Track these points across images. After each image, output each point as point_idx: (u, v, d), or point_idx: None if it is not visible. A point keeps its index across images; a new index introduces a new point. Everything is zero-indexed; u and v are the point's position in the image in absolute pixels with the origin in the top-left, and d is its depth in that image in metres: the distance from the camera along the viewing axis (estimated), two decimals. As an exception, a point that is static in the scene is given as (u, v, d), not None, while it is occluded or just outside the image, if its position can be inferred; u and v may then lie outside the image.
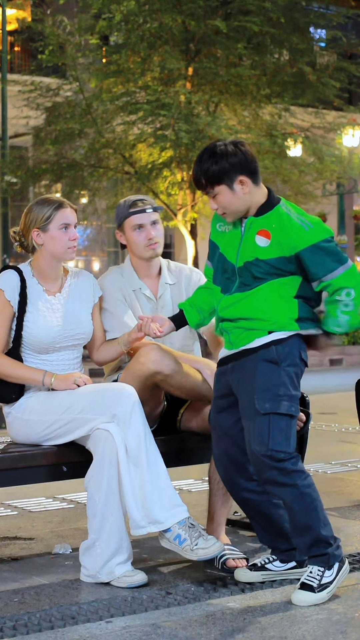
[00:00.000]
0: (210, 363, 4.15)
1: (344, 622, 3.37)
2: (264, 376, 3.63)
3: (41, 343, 4.02)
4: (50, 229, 4.02)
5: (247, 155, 3.67)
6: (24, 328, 4.02)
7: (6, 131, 20.22)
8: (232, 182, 3.65)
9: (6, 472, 3.92)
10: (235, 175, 3.65)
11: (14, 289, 4.03)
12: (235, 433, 3.76)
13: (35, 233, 4.04)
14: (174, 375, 3.98)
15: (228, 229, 3.78)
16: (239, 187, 3.66)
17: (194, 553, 3.72)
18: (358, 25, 22.49)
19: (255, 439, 3.60)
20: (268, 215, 3.69)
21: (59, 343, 4.04)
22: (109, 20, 17.70)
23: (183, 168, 17.91)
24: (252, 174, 3.67)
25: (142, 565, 4.07)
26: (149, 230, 4.25)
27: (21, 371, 4.00)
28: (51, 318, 4.04)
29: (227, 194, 3.66)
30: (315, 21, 19.29)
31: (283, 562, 3.84)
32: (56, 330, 4.02)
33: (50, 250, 4.04)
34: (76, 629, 3.33)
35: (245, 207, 3.69)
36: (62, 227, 4.02)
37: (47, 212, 4.02)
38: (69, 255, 4.07)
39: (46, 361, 4.05)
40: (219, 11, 17.73)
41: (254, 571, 3.82)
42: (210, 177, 3.66)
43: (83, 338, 4.12)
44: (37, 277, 4.10)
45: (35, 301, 4.05)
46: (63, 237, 4.02)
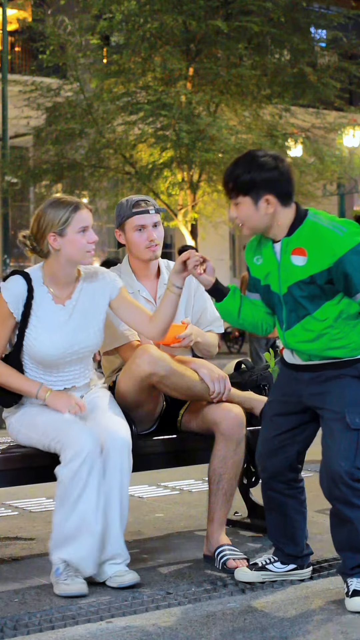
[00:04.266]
0: (207, 363, 4.15)
1: (344, 622, 3.37)
2: (355, 391, 3.56)
3: (43, 360, 3.90)
4: (68, 233, 3.84)
5: (284, 175, 3.55)
6: (25, 341, 3.89)
7: (7, 131, 20.22)
8: (258, 197, 3.54)
9: (6, 472, 3.92)
10: (263, 193, 3.53)
11: (18, 299, 3.87)
12: (286, 438, 3.74)
13: (51, 237, 3.84)
14: (169, 376, 3.98)
15: (262, 260, 3.66)
16: (263, 205, 3.54)
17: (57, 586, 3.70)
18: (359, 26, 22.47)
19: (341, 453, 3.51)
20: (300, 231, 3.56)
21: (62, 359, 3.90)
22: (110, 20, 17.71)
23: (184, 168, 17.91)
24: (283, 195, 3.55)
25: (142, 565, 4.07)
26: (150, 231, 4.24)
27: (17, 381, 3.89)
28: (55, 336, 3.87)
29: (249, 208, 3.56)
30: (315, 21, 19.30)
31: (284, 564, 3.82)
32: (59, 349, 3.88)
33: (68, 254, 3.86)
34: (77, 629, 3.33)
35: (264, 226, 3.59)
36: (81, 230, 3.85)
37: (63, 215, 3.84)
38: (87, 259, 3.90)
39: (50, 374, 3.93)
40: (219, 11, 17.74)
41: (254, 571, 3.81)
42: (238, 186, 3.56)
43: (90, 351, 3.98)
44: (48, 284, 3.92)
45: (41, 314, 3.89)
46: (81, 240, 3.85)
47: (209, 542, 4.08)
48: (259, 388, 4.52)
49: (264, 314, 3.79)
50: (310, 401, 3.66)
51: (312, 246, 3.51)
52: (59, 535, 3.74)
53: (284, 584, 3.79)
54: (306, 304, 3.55)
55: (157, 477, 5.88)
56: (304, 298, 3.55)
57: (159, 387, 4.04)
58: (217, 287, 3.76)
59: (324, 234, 3.50)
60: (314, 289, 3.53)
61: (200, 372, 4.08)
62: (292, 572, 3.83)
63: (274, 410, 3.78)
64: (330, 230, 3.50)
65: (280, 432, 3.74)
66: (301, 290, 3.54)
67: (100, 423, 3.83)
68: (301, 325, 3.59)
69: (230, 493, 4.08)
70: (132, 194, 3.85)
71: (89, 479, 3.68)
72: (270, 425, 3.78)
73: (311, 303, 3.55)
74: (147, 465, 4.27)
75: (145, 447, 4.12)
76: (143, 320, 3.98)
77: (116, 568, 3.76)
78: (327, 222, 3.55)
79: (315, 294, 3.54)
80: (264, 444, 3.80)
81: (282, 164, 3.57)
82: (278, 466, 3.76)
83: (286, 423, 3.74)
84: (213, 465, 4.07)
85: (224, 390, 4.09)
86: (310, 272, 3.51)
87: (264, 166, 3.53)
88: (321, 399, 3.62)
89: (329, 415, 3.59)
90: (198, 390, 4.07)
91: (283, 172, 3.55)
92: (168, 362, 3.98)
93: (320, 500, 5.24)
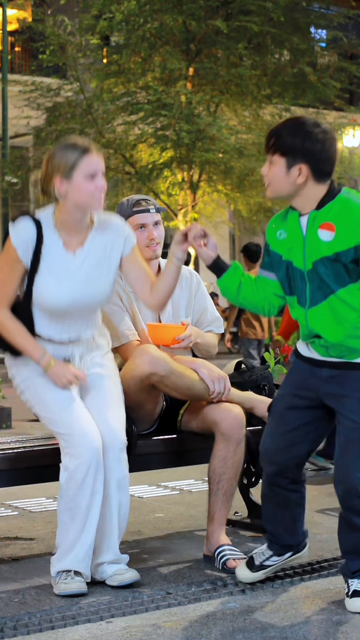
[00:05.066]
0: (207, 363, 4.15)
1: (344, 622, 3.37)
2: None
3: (50, 309, 3.74)
4: (75, 177, 3.64)
5: (326, 152, 3.45)
6: (34, 289, 3.71)
7: (7, 131, 20.23)
8: (293, 163, 3.44)
9: (6, 472, 3.92)
10: (299, 160, 3.44)
11: (27, 244, 3.70)
12: (297, 435, 3.62)
13: (58, 181, 3.65)
14: (169, 375, 3.98)
15: (285, 235, 3.56)
16: (295, 173, 3.44)
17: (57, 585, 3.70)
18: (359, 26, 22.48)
19: (355, 464, 3.47)
20: (330, 206, 3.46)
21: (71, 308, 3.74)
22: (110, 20, 17.72)
23: (184, 168, 17.92)
24: (318, 170, 3.45)
25: (142, 565, 4.07)
26: (151, 230, 4.24)
27: (23, 342, 3.74)
28: (64, 285, 3.71)
29: (281, 170, 3.46)
30: (315, 21, 19.32)
31: (279, 555, 3.77)
32: (68, 299, 3.71)
33: (75, 200, 3.66)
34: (77, 629, 3.33)
35: (287, 193, 3.49)
36: (89, 175, 3.64)
37: (71, 158, 3.64)
38: (95, 206, 3.69)
39: (55, 322, 3.77)
40: (219, 11, 17.75)
41: (254, 572, 3.77)
42: (278, 144, 3.46)
43: (98, 303, 3.83)
44: (59, 230, 3.73)
45: (50, 261, 3.71)
46: (89, 186, 3.64)
47: (209, 542, 4.08)
48: (259, 388, 4.52)
49: (271, 294, 3.67)
50: (327, 400, 3.56)
51: (342, 222, 3.42)
52: (65, 547, 3.72)
53: (284, 584, 3.78)
54: (330, 283, 3.45)
55: (157, 477, 5.88)
56: (329, 276, 3.44)
57: (159, 387, 4.04)
58: (217, 263, 3.67)
59: (355, 211, 3.43)
60: (338, 268, 3.43)
61: (200, 372, 4.08)
62: (289, 558, 3.79)
63: (286, 403, 3.65)
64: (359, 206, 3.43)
65: (293, 428, 3.62)
66: (325, 268, 3.44)
67: (99, 417, 3.76)
68: (327, 303, 3.47)
69: (230, 493, 4.08)
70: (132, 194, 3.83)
71: (94, 488, 3.67)
72: (281, 420, 3.66)
73: (335, 282, 3.44)
74: (147, 465, 4.27)
75: (145, 447, 4.12)
76: (146, 288, 3.87)
77: (116, 567, 3.76)
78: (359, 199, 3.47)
79: (340, 273, 3.44)
80: (274, 440, 3.67)
81: (329, 141, 3.47)
82: (286, 464, 3.66)
83: (298, 418, 3.63)
84: (213, 465, 4.07)
85: (223, 390, 4.09)
86: (336, 248, 3.41)
87: (310, 136, 3.44)
88: (339, 401, 3.53)
89: (347, 422, 3.51)
90: (198, 390, 4.07)
91: (326, 148, 3.46)
92: (168, 362, 3.98)
93: (320, 500, 5.25)
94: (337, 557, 4.01)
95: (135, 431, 4.03)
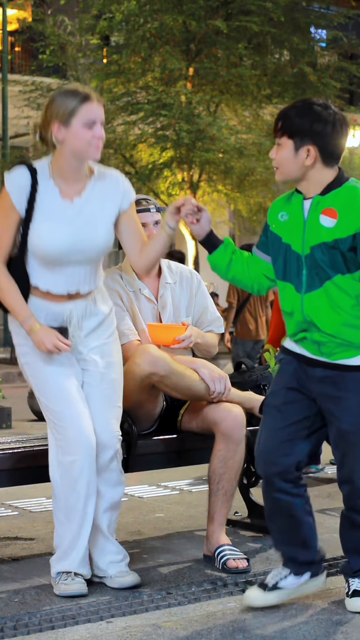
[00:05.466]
0: (207, 363, 4.15)
1: (344, 622, 3.37)
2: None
3: (45, 256, 3.65)
4: (73, 124, 3.59)
5: (335, 133, 3.38)
6: (29, 237, 3.64)
7: (7, 131, 20.22)
8: (301, 145, 3.39)
9: (6, 472, 3.93)
10: (307, 141, 3.38)
11: (21, 190, 3.64)
12: (297, 430, 3.48)
13: (55, 127, 3.61)
14: (169, 376, 3.98)
15: (287, 217, 3.48)
16: (303, 154, 3.39)
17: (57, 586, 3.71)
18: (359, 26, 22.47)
19: (358, 467, 3.42)
20: (336, 192, 3.40)
21: (65, 257, 3.65)
22: (110, 20, 17.70)
23: (184, 168, 17.91)
24: (327, 152, 3.39)
25: (142, 565, 4.07)
26: (151, 229, 4.24)
27: (12, 300, 3.67)
28: (60, 230, 3.63)
29: (289, 152, 3.41)
30: (315, 21, 19.30)
31: (297, 574, 3.54)
32: (64, 244, 3.63)
33: (72, 147, 3.61)
34: (77, 629, 3.33)
35: (296, 175, 3.43)
36: (87, 123, 3.60)
37: (71, 105, 3.58)
38: (92, 153, 3.64)
39: (52, 273, 3.69)
40: (219, 11, 17.74)
41: (267, 592, 3.52)
42: (286, 126, 3.41)
43: (96, 252, 3.72)
44: (55, 178, 3.68)
45: (45, 208, 3.64)
46: (86, 134, 3.60)
47: (209, 542, 4.08)
48: (259, 388, 4.52)
49: (261, 274, 3.61)
50: (323, 402, 3.46)
51: (345, 209, 3.37)
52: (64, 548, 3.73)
53: (284, 584, 3.78)
54: (327, 269, 3.38)
55: (157, 477, 5.88)
56: (325, 263, 3.38)
57: (159, 387, 4.04)
58: (209, 238, 3.61)
59: (357, 198, 3.37)
60: (335, 255, 3.37)
61: (200, 372, 4.08)
62: (308, 583, 3.57)
63: (280, 399, 3.52)
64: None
65: (291, 422, 3.48)
66: (323, 254, 3.37)
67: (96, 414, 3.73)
68: (324, 290, 3.39)
69: (231, 493, 4.08)
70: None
71: (89, 487, 3.67)
72: (277, 416, 3.50)
73: (332, 269, 3.38)
74: (147, 465, 4.27)
75: (145, 447, 4.12)
76: (136, 248, 3.81)
77: (117, 568, 3.76)
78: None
79: (337, 260, 3.37)
80: (271, 438, 3.50)
81: (339, 123, 3.40)
82: (286, 463, 3.48)
83: (296, 412, 3.49)
84: (213, 465, 4.07)
85: (224, 390, 4.09)
86: (336, 235, 3.35)
87: (319, 117, 3.38)
88: (336, 403, 3.43)
89: (347, 426, 3.42)
90: (198, 390, 4.07)
91: (336, 130, 3.39)
92: (168, 362, 3.98)
93: (320, 500, 5.25)
94: (337, 557, 4.01)
95: (135, 431, 4.04)
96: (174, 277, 4.38)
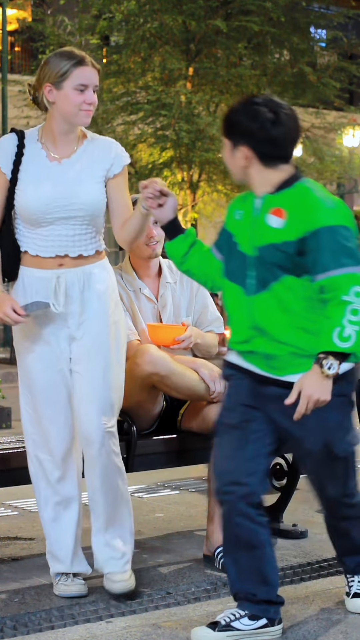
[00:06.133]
0: (207, 363, 4.15)
1: (344, 622, 3.37)
2: (338, 413, 3.18)
3: (29, 213, 3.55)
4: (64, 87, 3.51)
5: (271, 134, 3.17)
6: (15, 198, 3.57)
7: (6, 131, 20.14)
8: (236, 145, 3.22)
9: (6, 472, 3.92)
10: (241, 142, 3.21)
11: (7, 155, 3.58)
12: (259, 448, 3.24)
13: (47, 89, 3.53)
14: (170, 376, 3.98)
15: (242, 215, 3.31)
16: (239, 155, 3.22)
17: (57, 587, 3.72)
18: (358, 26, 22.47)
19: (333, 482, 3.28)
20: (286, 192, 3.20)
21: (49, 214, 3.54)
22: (110, 20, 17.70)
23: (183, 168, 17.91)
24: (262, 153, 3.19)
25: (142, 565, 4.07)
26: (150, 229, 4.23)
27: None
28: (43, 186, 3.54)
29: (228, 152, 3.26)
30: (315, 21, 19.29)
31: (253, 618, 3.22)
32: (45, 199, 3.52)
33: (62, 110, 3.54)
34: (76, 629, 3.33)
35: (240, 175, 3.27)
36: (79, 87, 3.52)
37: (64, 67, 3.51)
38: (82, 118, 3.55)
39: (40, 235, 3.57)
40: (219, 11, 17.73)
41: (217, 631, 3.18)
42: (225, 126, 3.27)
43: (81, 210, 3.56)
44: (45, 141, 3.61)
45: (31, 168, 3.57)
46: (77, 98, 3.51)
47: (209, 542, 4.08)
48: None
49: (215, 272, 3.43)
50: (282, 422, 3.20)
51: (294, 210, 3.15)
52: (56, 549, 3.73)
53: (284, 584, 3.78)
54: (276, 271, 3.15)
55: (157, 477, 5.88)
56: (273, 265, 3.15)
57: (160, 387, 4.05)
58: (171, 225, 3.46)
59: (310, 201, 3.15)
60: (283, 258, 3.14)
61: (200, 372, 4.08)
62: (262, 629, 3.22)
63: (238, 416, 3.25)
64: (319, 200, 3.15)
65: (253, 439, 3.23)
66: (270, 256, 3.15)
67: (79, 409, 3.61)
68: (272, 292, 3.16)
69: (230, 493, 4.07)
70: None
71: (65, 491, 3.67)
72: (236, 433, 3.23)
73: (281, 270, 3.14)
74: (147, 465, 4.27)
75: (145, 447, 4.12)
76: (120, 220, 3.66)
77: (113, 566, 3.67)
78: (320, 192, 3.20)
79: (286, 263, 3.14)
80: (232, 457, 3.21)
81: (278, 123, 3.18)
82: (253, 483, 3.20)
83: (257, 428, 3.23)
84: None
85: (224, 390, 4.09)
86: (284, 237, 3.14)
87: (256, 116, 3.18)
88: (293, 423, 3.14)
89: (310, 445, 3.21)
90: (198, 390, 4.07)
91: (275, 129, 3.17)
92: (168, 362, 3.98)
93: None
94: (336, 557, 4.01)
95: (135, 431, 4.03)
96: (175, 277, 4.38)
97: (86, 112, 3.55)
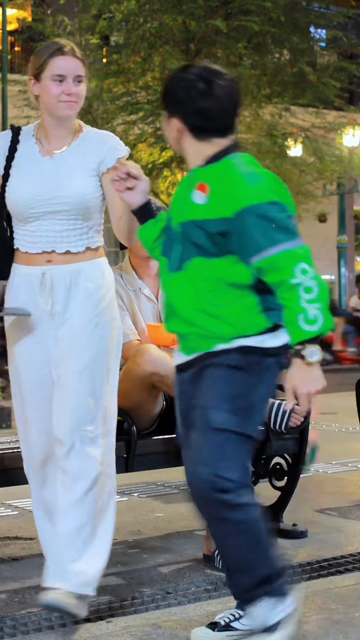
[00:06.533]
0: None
1: (344, 622, 3.37)
2: (228, 384, 2.94)
3: (15, 208, 3.44)
4: (42, 79, 3.40)
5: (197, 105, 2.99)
6: (5, 194, 3.48)
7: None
8: (169, 116, 3.08)
9: (6, 472, 3.93)
10: (173, 113, 3.06)
11: (1, 151, 3.49)
12: None
13: (31, 82, 3.45)
14: (170, 375, 3.97)
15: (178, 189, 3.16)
16: (172, 126, 3.07)
17: None
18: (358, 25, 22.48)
19: (202, 458, 2.92)
20: (212, 167, 3.00)
21: (33, 209, 3.41)
22: (110, 20, 17.71)
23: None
24: (192, 125, 3.03)
25: (142, 565, 4.07)
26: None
27: None
28: (28, 180, 3.42)
29: (165, 123, 3.11)
30: (315, 21, 19.29)
31: None
32: (28, 193, 3.40)
33: (44, 103, 3.43)
34: (76, 629, 3.33)
35: (176, 147, 3.12)
36: (56, 78, 3.38)
37: (41, 58, 3.41)
38: (63, 110, 3.40)
39: (28, 231, 3.45)
40: (219, 11, 17.74)
41: (217, 631, 3.11)
42: (161, 95, 3.12)
43: (66, 204, 3.40)
44: (40, 136, 3.50)
45: (22, 163, 3.47)
46: (55, 89, 3.38)
47: (209, 542, 4.08)
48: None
49: None
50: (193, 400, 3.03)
51: (217, 186, 2.95)
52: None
53: (284, 584, 3.78)
54: (195, 248, 2.98)
55: (157, 477, 5.88)
56: (193, 242, 2.98)
57: (160, 386, 4.05)
58: (142, 209, 3.25)
59: (232, 177, 2.93)
60: (203, 236, 2.96)
61: (200, 372, 4.08)
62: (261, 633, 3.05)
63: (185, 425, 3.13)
64: (241, 175, 2.93)
65: None
66: (191, 232, 2.98)
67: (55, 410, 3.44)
68: (186, 271, 3.01)
69: (230, 493, 4.07)
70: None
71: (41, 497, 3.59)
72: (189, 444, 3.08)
73: (198, 249, 2.97)
74: (147, 465, 4.27)
75: (145, 447, 4.13)
76: (115, 217, 3.48)
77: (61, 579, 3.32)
78: (245, 167, 2.97)
79: (203, 243, 2.96)
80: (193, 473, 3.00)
81: (210, 95, 2.99)
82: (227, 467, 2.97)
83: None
84: (213, 465, 4.06)
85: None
86: (205, 214, 2.95)
87: (188, 87, 3.02)
88: (193, 396, 3.02)
89: (195, 411, 2.99)
90: (198, 390, 4.07)
91: (204, 100, 3.00)
92: (168, 362, 3.98)
93: (320, 500, 5.25)
94: (336, 557, 4.02)
95: (135, 431, 4.04)
96: (174, 277, 4.37)
97: (66, 104, 3.40)
